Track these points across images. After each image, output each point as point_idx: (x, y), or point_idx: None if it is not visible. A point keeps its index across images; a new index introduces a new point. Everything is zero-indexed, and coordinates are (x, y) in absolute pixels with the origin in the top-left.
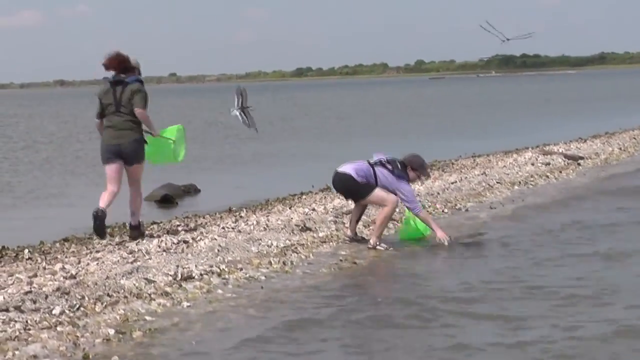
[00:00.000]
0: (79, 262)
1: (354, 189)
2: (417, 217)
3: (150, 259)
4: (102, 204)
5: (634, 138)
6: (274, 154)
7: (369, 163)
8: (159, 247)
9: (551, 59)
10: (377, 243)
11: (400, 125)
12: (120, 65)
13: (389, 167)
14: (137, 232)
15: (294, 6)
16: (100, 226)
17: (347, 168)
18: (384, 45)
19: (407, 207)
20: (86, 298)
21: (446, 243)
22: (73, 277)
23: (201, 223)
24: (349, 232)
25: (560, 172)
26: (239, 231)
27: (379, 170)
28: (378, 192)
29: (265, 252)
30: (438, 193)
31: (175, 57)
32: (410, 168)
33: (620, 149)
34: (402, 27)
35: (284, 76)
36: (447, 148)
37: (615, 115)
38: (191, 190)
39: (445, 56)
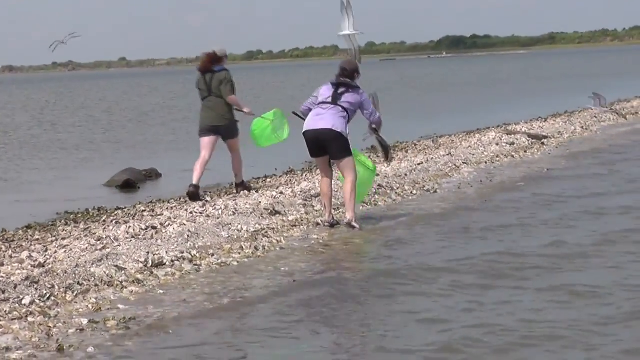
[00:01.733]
0: (46, 250)
1: (341, 144)
2: (377, 124)
3: (119, 245)
4: (195, 179)
5: (595, 117)
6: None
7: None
8: (127, 233)
9: (501, 39)
10: (354, 219)
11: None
12: (210, 62)
13: (349, 87)
14: (242, 187)
15: None
16: (194, 194)
17: (328, 122)
18: (333, 27)
19: (370, 118)
20: (56, 287)
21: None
22: (42, 265)
23: (167, 208)
24: (327, 218)
25: (525, 151)
26: (208, 216)
27: (344, 97)
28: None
29: (235, 237)
30: (405, 174)
31: (125, 42)
32: (357, 74)
33: (582, 127)
34: (353, 8)
35: (235, 59)
36: (406, 130)
37: (571, 94)
38: (152, 175)
39: (396, 38)
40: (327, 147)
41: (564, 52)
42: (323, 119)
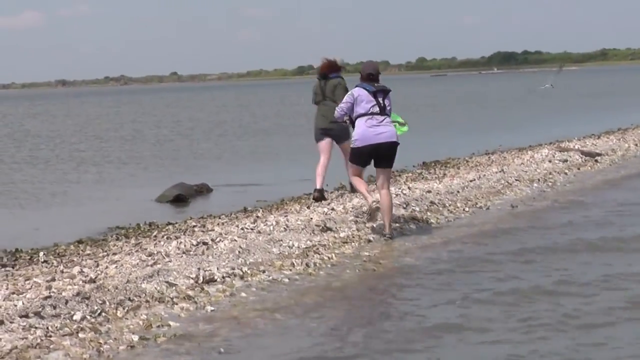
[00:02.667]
0: (97, 265)
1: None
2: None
3: (170, 261)
4: (318, 184)
5: None
6: (283, 151)
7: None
8: (178, 248)
9: (553, 55)
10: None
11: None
12: (328, 68)
13: (384, 92)
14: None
15: (296, 5)
16: (319, 198)
17: (391, 135)
18: (385, 43)
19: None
20: (107, 303)
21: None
22: (92, 281)
23: (218, 223)
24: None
25: (579, 169)
26: (259, 232)
27: (387, 103)
28: None
29: (286, 253)
30: (458, 191)
31: (177, 56)
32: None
33: (636, 145)
34: (403, 24)
35: (285, 74)
36: (458, 146)
37: (624, 111)
38: (203, 190)
39: (447, 53)
40: (384, 158)
41: (616, 68)
42: (386, 130)
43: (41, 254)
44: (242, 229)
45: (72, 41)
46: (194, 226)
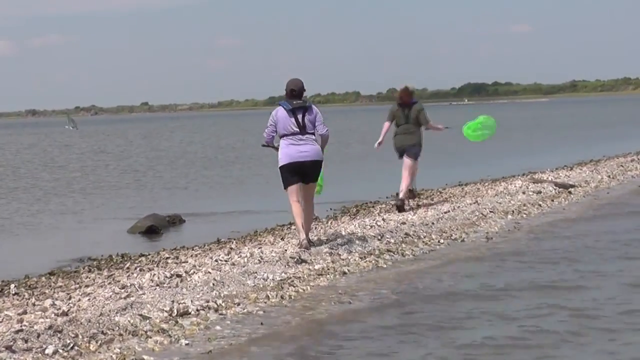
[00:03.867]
0: (70, 298)
1: (319, 171)
2: (325, 139)
3: (143, 294)
4: (402, 195)
5: (621, 165)
6: (253, 182)
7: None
8: (152, 281)
9: (523, 86)
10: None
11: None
12: (408, 96)
13: (305, 108)
14: (411, 195)
15: (266, 36)
16: (401, 207)
17: (316, 153)
18: (356, 73)
19: (325, 131)
20: (80, 336)
21: None
22: (65, 313)
23: (192, 255)
24: (304, 237)
25: (552, 200)
26: (233, 264)
27: (307, 119)
28: None
29: (261, 285)
30: (432, 223)
31: (148, 86)
32: (304, 90)
33: (609, 176)
34: (373, 55)
35: (256, 105)
36: (430, 176)
37: (595, 142)
38: (176, 221)
39: (418, 84)
40: (308, 175)
41: (586, 100)
42: (306, 150)
43: (12, 285)
44: (216, 260)
45: (43, 70)
46: (167, 258)
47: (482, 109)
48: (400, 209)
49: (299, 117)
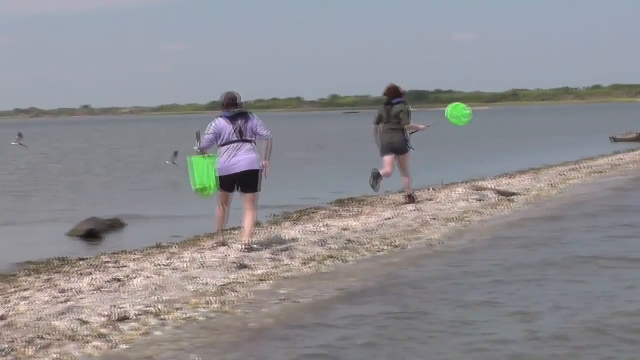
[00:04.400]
0: (7, 302)
1: (257, 180)
2: (269, 143)
3: (83, 298)
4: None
5: (562, 174)
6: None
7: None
8: (91, 285)
9: (465, 94)
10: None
11: (318, 160)
12: (393, 93)
13: (244, 116)
14: (411, 199)
15: (207, 40)
16: (412, 198)
17: (247, 164)
18: (299, 79)
19: (268, 134)
20: (17, 341)
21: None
22: (2, 318)
23: (132, 259)
24: (221, 239)
25: (494, 208)
26: (174, 269)
27: (247, 127)
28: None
29: (202, 291)
30: (375, 229)
31: (89, 89)
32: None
33: (549, 185)
34: (317, 62)
35: (198, 109)
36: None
37: (536, 151)
38: (116, 225)
39: (360, 91)
40: (245, 185)
41: (527, 109)
42: (240, 162)
43: None
44: (156, 265)
45: None
46: (107, 262)
47: (424, 116)
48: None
49: (240, 123)
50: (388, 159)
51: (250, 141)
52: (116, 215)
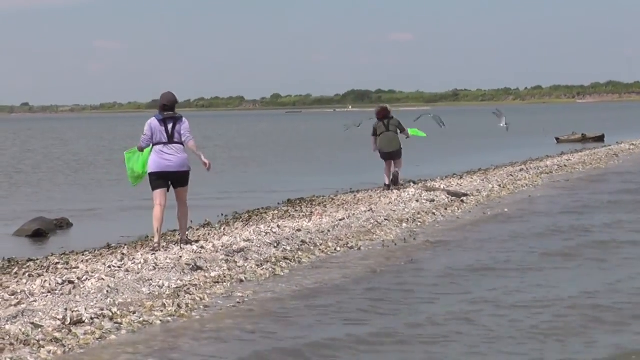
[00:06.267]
0: None
1: (188, 177)
2: (193, 148)
3: (35, 301)
4: (387, 180)
5: (511, 175)
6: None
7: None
8: (43, 287)
9: (406, 94)
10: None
11: (257, 159)
12: (385, 112)
13: (175, 119)
14: (395, 182)
15: (148, 38)
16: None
17: (181, 164)
18: (240, 78)
19: (189, 140)
20: None
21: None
22: None
23: (82, 260)
24: (157, 240)
25: (446, 209)
26: (127, 270)
27: (176, 130)
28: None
29: (157, 293)
30: (328, 230)
31: (28, 87)
32: (176, 103)
33: (499, 185)
34: (258, 61)
35: (139, 107)
36: (318, 183)
37: (481, 151)
38: (64, 224)
39: (301, 90)
40: (177, 182)
41: (467, 109)
42: (171, 160)
43: None
44: (109, 267)
45: None
46: (57, 263)
47: (366, 115)
48: (395, 183)
49: (169, 127)
50: (387, 163)
51: (178, 142)
52: (60, 214)
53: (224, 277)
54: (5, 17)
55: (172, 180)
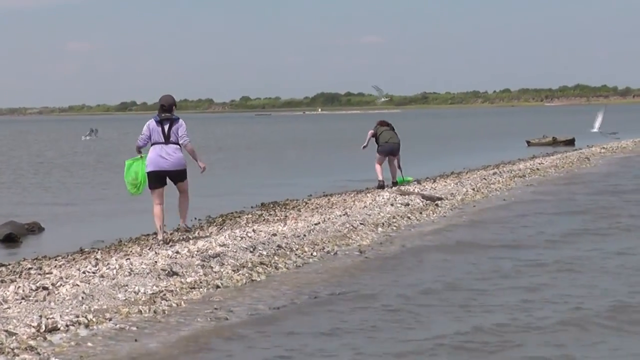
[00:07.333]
0: None
1: (185, 174)
2: (190, 152)
3: (9, 307)
4: (381, 177)
5: (484, 179)
6: (115, 189)
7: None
8: (17, 293)
9: (374, 97)
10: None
11: (222, 162)
12: (384, 123)
13: (171, 121)
14: (394, 184)
15: (117, 41)
16: (382, 186)
17: (176, 163)
18: (209, 80)
19: (186, 142)
20: None
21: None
22: None
23: (56, 266)
24: (162, 237)
25: (421, 213)
26: (102, 276)
27: (172, 131)
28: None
29: (133, 299)
30: (304, 235)
31: None
32: (174, 106)
33: (473, 189)
34: (227, 63)
35: (108, 110)
36: (292, 186)
37: (452, 154)
38: (35, 229)
39: (271, 93)
40: (175, 178)
41: (436, 112)
42: (168, 160)
43: None
44: (83, 272)
45: None
46: (30, 268)
47: (335, 118)
48: (382, 187)
49: (165, 128)
50: (388, 158)
51: (174, 142)
52: (29, 218)
53: (200, 282)
54: None
55: (170, 177)
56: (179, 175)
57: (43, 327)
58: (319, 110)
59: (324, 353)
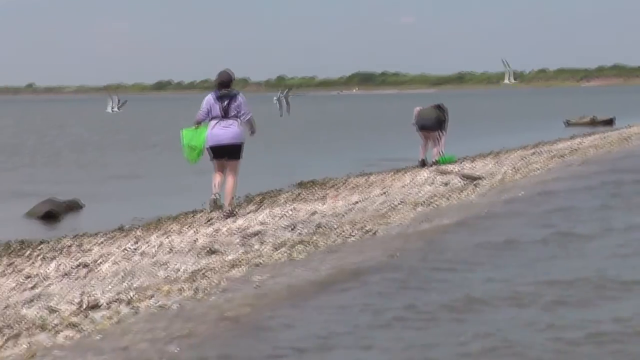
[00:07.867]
0: None
1: (240, 151)
2: (252, 121)
3: (51, 284)
4: (422, 155)
5: (523, 158)
6: (153, 168)
7: (225, 114)
8: (58, 270)
9: (411, 77)
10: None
11: (274, 144)
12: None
13: (230, 97)
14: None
15: (154, 20)
16: (424, 164)
17: (232, 136)
18: (245, 60)
19: (247, 117)
20: None
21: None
22: None
23: (96, 243)
24: (217, 189)
25: (460, 192)
26: (142, 254)
27: (231, 108)
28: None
29: (173, 277)
30: (343, 214)
31: (33, 68)
32: (232, 82)
33: (513, 169)
34: (262, 42)
35: (144, 89)
36: (332, 167)
37: (490, 134)
38: (74, 206)
39: (307, 72)
40: (228, 154)
41: (472, 92)
42: (226, 133)
43: None
44: (124, 250)
45: None
46: (70, 245)
47: (370, 99)
48: (424, 165)
49: (225, 104)
50: (426, 133)
51: (234, 117)
52: (68, 196)
53: (240, 261)
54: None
55: (225, 153)
56: (235, 151)
57: (85, 304)
58: (355, 89)
59: (372, 330)
